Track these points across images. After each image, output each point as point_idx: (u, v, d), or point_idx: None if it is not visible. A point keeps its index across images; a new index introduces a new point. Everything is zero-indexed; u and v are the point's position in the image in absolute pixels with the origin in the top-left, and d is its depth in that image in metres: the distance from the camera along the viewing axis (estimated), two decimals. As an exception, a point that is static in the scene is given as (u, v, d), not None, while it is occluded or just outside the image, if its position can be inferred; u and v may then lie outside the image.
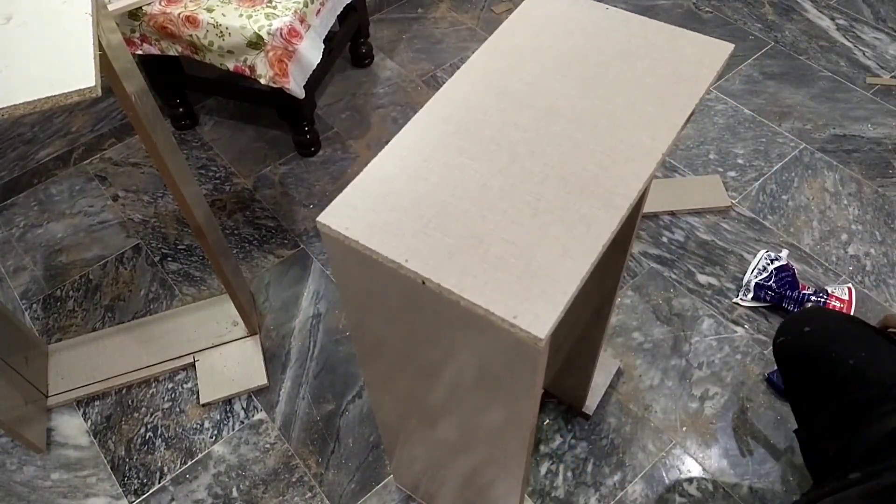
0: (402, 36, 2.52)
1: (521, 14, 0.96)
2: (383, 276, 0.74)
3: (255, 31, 1.66)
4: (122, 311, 1.80)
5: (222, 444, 1.57)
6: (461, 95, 0.86)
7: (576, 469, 1.50)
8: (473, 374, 0.81)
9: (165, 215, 2.01)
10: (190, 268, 1.89)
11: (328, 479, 1.51)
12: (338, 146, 2.16)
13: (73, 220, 2.01)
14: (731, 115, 2.18)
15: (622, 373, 1.63)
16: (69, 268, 1.90)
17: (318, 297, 1.81)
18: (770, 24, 2.47)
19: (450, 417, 0.98)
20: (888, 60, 2.32)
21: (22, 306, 1.83)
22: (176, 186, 1.27)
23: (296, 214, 1.99)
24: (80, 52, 0.89)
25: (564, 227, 0.72)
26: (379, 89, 2.33)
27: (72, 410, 1.64)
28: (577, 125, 0.82)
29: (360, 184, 0.78)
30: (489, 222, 0.73)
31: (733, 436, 1.52)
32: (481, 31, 2.52)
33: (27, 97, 0.85)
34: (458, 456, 1.09)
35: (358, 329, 0.95)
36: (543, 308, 0.65)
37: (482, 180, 0.77)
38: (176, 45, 1.80)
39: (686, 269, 1.81)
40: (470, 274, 0.69)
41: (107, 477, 1.54)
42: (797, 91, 2.24)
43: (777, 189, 1.98)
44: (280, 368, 1.68)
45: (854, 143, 2.08)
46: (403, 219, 0.74)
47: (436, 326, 0.77)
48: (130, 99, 1.08)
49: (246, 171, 2.11)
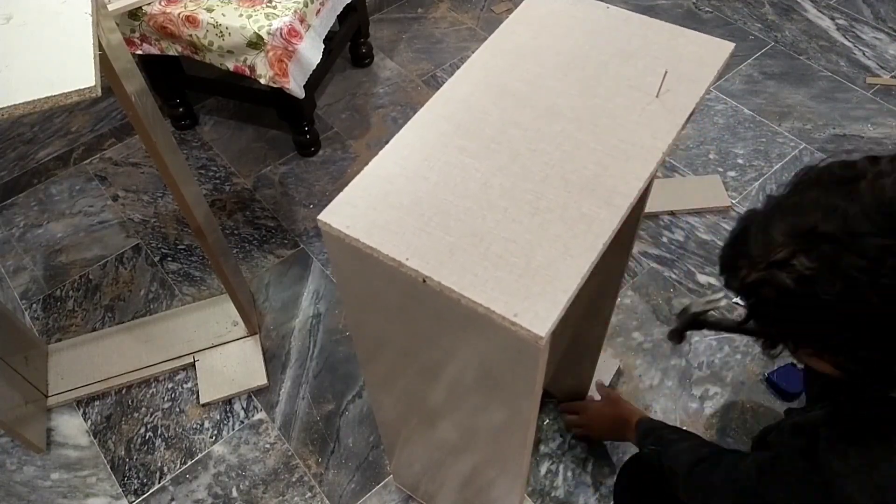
0: (402, 36, 2.52)
1: (521, 13, 0.96)
2: (384, 275, 0.74)
3: (255, 30, 1.66)
4: (121, 311, 1.80)
5: (222, 444, 1.57)
6: (461, 95, 0.86)
7: (576, 469, 1.50)
8: (474, 374, 0.81)
9: (165, 215, 2.01)
10: (190, 268, 1.89)
11: (328, 479, 1.51)
12: (338, 146, 2.16)
13: (73, 220, 2.01)
14: (731, 115, 2.18)
15: (622, 373, 1.63)
16: (69, 268, 1.90)
17: (318, 297, 1.81)
18: (770, 24, 2.47)
19: (450, 417, 0.98)
20: (888, 60, 2.32)
21: (22, 306, 1.83)
22: (176, 186, 1.27)
23: (296, 214, 1.99)
24: (80, 52, 0.89)
25: (565, 226, 0.72)
26: (379, 89, 2.33)
27: (72, 410, 1.64)
28: (577, 124, 0.82)
29: (361, 182, 0.78)
30: (490, 221, 0.73)
31: (733, 436, 1.52)
32: (481, 31, 2.52)
33: (27, 97, 0.85)
34: (458, 456, 1.09)
35: (358, 329, 0.94)
36: (544, 307, 0.65)
37: (482, 179, 0.77)
38: (176, 45, 1.80)
39: (686, 269, 1.81)
40: (470, 272, 0.68)
41: (107, 477, 1.54)
42: (797, 91, 2.24)
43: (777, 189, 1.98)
44: (280, 368, 1.68)
45: (854, 143, 2.08)
46: (404, 217, 0.74)
47: (436, 325, 0.77)
48: (130, 99, 1.08)
49: (246, 171, 2.11)
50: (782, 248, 0.67)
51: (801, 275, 0.66)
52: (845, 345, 0.69)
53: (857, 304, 0.64)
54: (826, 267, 0.65)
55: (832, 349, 0.72)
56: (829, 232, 0.65)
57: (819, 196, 0.68)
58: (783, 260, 0.67)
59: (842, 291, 0.64)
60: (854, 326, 0.67)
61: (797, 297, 0.67)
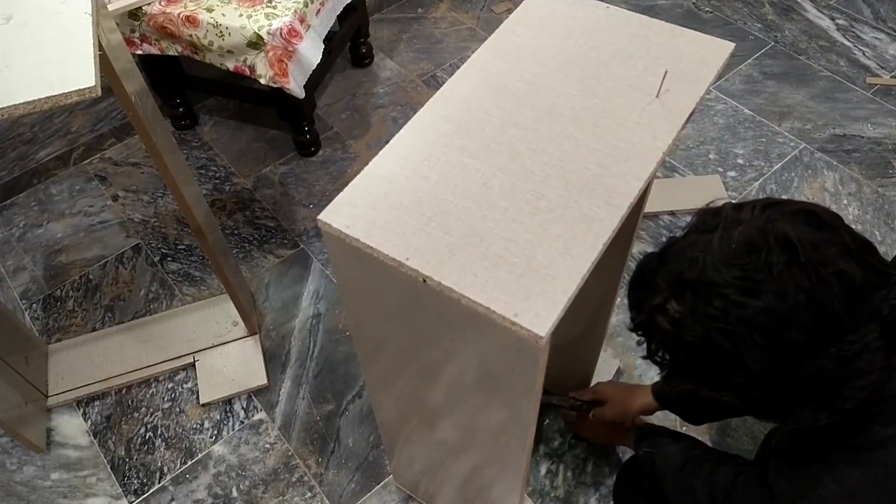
0: (402, 36, 2.52)
1: (521, 14, 0.96)
2: (384, 275, 0.74)
3: (255, 30, 1.66)
4: (121, 311, 1.80)
5: (222, 444, 1.57)
6: (461, 95, 0.86)
7: (576, 469, 1.50)
8: (474, 374, 0.81)
9: (165, 215, 2.01)
10: (190, 268, 1.89)
11: (328, 479, 1.51)
12: (338, 146, 2.16)
13: (73, 220, 2.01)
14: (731, 115, 2.18)
15: (622, 373, 1.63)
16: (69, 268, 1.90)
17: (318, 297, 1.81)
18: (770, 24, 2.47)
19: (450, 417, 0.98)
20: (888, 60, 2.32)
21: (22, 306, 1.83)
22: (176, 186, 1.27)
23: (296, 214, 1.99)
24: (80, 52, 0.89)
25: (565, 226, 0.72)
26: (379, 89, 2.33)
27: (72, 410, 1.64)
28: (577, 124, 0.82)
29: (361, 182, 0.78)
30: (490, 221, 0.73)
31: (733, 436, 1.52)
32: (481, 30, 2.52)
33: (27, 97, 0.85)
34: (458, 456, 1.09)
35: (358, 328, 0.94)
36: (544, 306, 0.65)
37: (483, 179, 0.77)
38: (176, 45, 1.80)
39: (686, 269, 1.81)
40: (471, 272, 0.68)
41: (107, 477, 1.54)
42: (797, 91, 2.24)
43: (777, 189, 1.98)
44: (280, 368, 1.68)
45: (854, 143, 2.08)
46: (404, 217, 0.74)
47: (436, 325, 0.77)
48: (130, 99, 1.08)
49: (246, 171, 2.11)
50: (661, 294, 0.73)
51: (673, 318, 0.71)
52: (716, 383, 0.73)
53: (713, 347, 0.69)
54: (688, 312, 0.70)
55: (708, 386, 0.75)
56: (690, 280, 0.70)
57: (691, 243, 0.72)
58: (660, 304, 0.72)
59: (702, 334, 0.69)
60: (715, 367, 0.71)
61: (673, 338, 0.72)
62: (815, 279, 0.64)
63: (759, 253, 0.66)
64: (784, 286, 0.65)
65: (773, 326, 0.65)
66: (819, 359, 0.66)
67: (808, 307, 0.64)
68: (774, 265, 0.65)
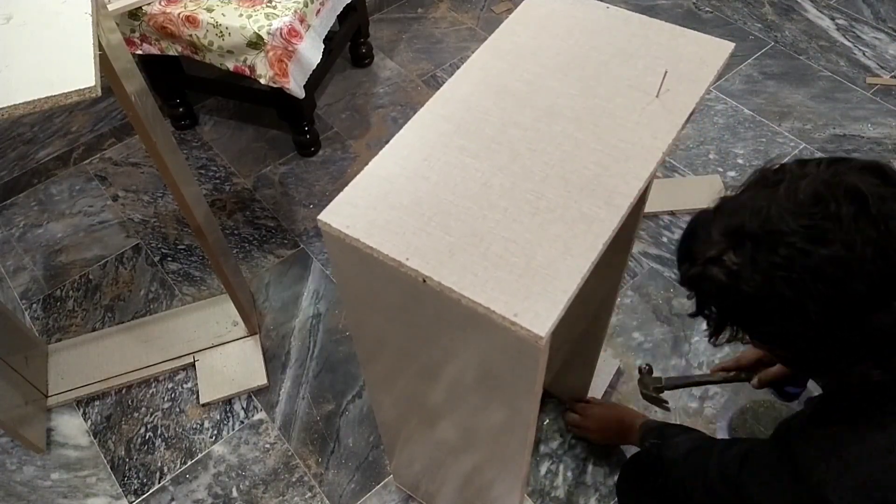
0: (402, 36, 2.52)
1: (521, 14, 0.96)
2: (384, 275, 0.74)
3: (255, 30, 1.66)
4: (121, 311, 1.80)
5: (222, 444, 1.57)
6: (461, 95, 0.86)
7: (576, 469, 1.50)
8: (474, 374, 0.81)
9: (165, 215, 2.01)
10: (190, 268, 1.89)
11: (328, 479, 1.51)
12: (338, 146, 2.16)
13: (73, 220, 2.01)
14: (731, 115, 2.18)
15: (622, 373, 1.63)
16: (69, 268, 1.90)
17: (318, 297, 1.81)
18: (770, 24, 2.47)
19: (450, 417, 0.98)
20: (888, 60, 2.32)
21: (22, 306, 1.83)
22: (176, 186, 1.27)
23: (296, 214, 1.99)
24: (80, 52, 0.89)
25: (565, 226, 0.72)
26: (379, 89, 2.33)
27: (72, 410, 1.64)
28: (577, 124, 0.82)
29: (361, 182, 0.78)
30: (490, 221, 0.73)
31: (733, 436, 1.52)
32: (481, 31, 2.52)
33: (27, 97, 0.85)
34: (458, 456, 1.09)
35: (358, 328, 0.94)
36: (544, 306, 0.65)
37: (483, 179, 0.77)
38: (176, 45, 1.80)
39: (686, 269, 1.81)
40: (471, 272, 0.68)
41: (107, 477, 1.54)
42: (797, 91, 2.24)
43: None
44: (280, 368, 1.68)
45: (854, 143, 2.08)
46: (404, 217, 0.74)
47: (436, 325, 0.77)
48: (130, 99, 1.08)
49: (246, 171, 2.11)
50: (716, 246, 0.72)
51: (730, 270, 0.70)
52: (773, 335, 0.74)
53: (775, 297, 0.68)
54: (748, 262, 0.69)
55: (762, 339, 0.76)
56: (752, 230, 0.69)
57: (751, 197, 0.72)
58: (715, 256, 0.72)
59: (761, 285, 0.68)
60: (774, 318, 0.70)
61: (727, 290, 0.71)
62: (883, 231, 0.64)
63: (827, 204, 0.66)
64: (852, 237, 0.64)
65: (838, 276, 0.65)
66: (881, 312, 0.65)
67: (874, 259, 0.64)
68: (843, 216, 0.65)
